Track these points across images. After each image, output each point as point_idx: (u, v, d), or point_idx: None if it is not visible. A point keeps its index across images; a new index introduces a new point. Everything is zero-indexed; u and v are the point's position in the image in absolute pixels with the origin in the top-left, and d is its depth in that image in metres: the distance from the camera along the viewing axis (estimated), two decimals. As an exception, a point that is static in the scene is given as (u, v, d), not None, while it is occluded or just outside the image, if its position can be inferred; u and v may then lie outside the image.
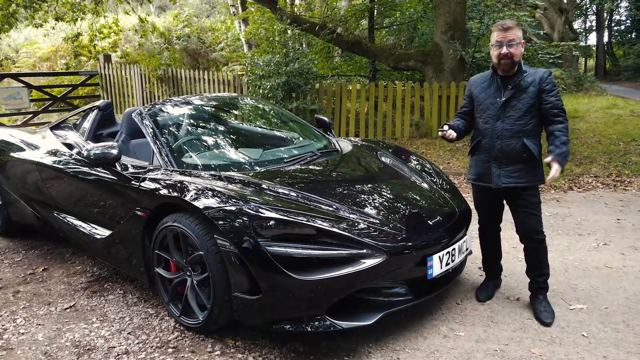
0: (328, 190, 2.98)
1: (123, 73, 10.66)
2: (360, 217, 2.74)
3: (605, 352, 2.59)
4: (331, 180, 3.23)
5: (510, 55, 2.79)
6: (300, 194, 2.84)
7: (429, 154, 7.53)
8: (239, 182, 2.90)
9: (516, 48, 2.79)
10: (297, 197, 2.79)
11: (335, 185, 3.10)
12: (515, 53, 2.79)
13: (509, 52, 2.78)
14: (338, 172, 3.41)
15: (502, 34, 2.80)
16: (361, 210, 2.81)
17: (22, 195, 4.13)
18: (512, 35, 2.78)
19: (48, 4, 10.21)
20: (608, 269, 3.60)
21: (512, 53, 2.78)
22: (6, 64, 16.44)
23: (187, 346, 2.72)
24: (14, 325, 3.01)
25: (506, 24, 2.81)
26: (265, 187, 2.87)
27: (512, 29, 2.78)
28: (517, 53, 2.80)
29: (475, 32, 9.00)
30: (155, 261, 2.97)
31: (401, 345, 2.68)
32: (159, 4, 23.22)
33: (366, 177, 3.40)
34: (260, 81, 8.08)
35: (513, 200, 2.96)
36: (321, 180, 3.22)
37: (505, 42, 2.79)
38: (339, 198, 2.89)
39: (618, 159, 6.79)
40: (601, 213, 4.88)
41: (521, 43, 2.83)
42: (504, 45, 2.79)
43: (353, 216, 2.72)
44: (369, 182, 3.29)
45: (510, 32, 2.78)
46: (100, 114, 4.11)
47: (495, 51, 2.85)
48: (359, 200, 2.95)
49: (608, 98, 13.71)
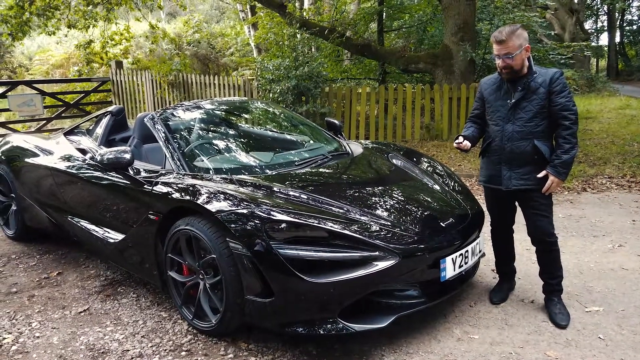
0: (339, 193, 2.97)
1: (134, 79, 10.76)
2: (372, 219, 2.73)
3: (622, 354, 2.55)
4: (342, 182, 3.23)
5: (509, 66, 2.76)
6: (311, 196, 2.84)
7: (440, 156, 7.49)
8: (250, 185, 2.91)
9: (514, 59, 2.73)
10: (309, 200, 2.79)
11: (347, 188, 3.10)
12: (514, 64, 2.75)
13: (507, 64, 2.76)
14: (349, 175, 3.41)
15: (497, 47, 2.77)
16: (373, 213, 2.80)
17: (36, 200, 4.18)
18: (505, 49, 2.73)
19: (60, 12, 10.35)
20: (624, 270, 3.55)
21: (511, 64, 2.75)
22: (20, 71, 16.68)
23: (200, 349, 2.73)
24: (29, 329, 3.04)
25: (500, 37, 2.75)
26: (277, 190, 2.87)
27: (506, 42, 2.72)
28: (516, 63, 2.75)
29: (485, 33, 8.96)
30: (168, 264, 2.98)
31: (414, 348, 2.67)
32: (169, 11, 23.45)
33: (377, 180, 3.39)
34: (270, 85, 8.11)
35: (524, 202, 2.93)
36: (332, 182, 3.22)
37: (501, 55, 2.76)
38: (350, 200, 2.88)
39: (632, 159, 6.71)
40: (616, 214, 4.82)
41: (524, 49, 2.74)
42: (501, 58, 2.77)
43: (364, 218, 2.71)
44: (380, 184, 3.28)
45: (504, 46, 2.73)
46: (112, 119, 4.15)
47: (496, 61, 2.84)
48: (371, 202, 2.94)
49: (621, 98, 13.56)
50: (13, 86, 10.03)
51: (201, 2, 21.74)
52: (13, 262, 4.14)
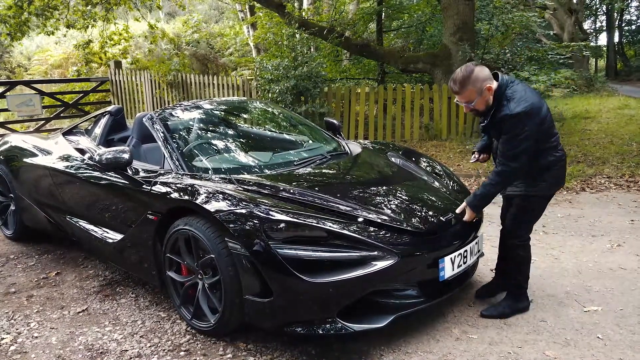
0: (338, 193, 2.97)
1: (133, 79, 10.75)
2: (371, 218, 2.72)
3: (621, 354, 2.55)
4: (341, 182, 3.23)
5: (474, 110, 2.75)
6: (310, 196, 2.84)
7: (439, 156, 7.49)
8: (249, 185, 2.91)
9: (476, 103, 2.70)
10: (308, 200, 2.79)
11: (345, 188, 3.10)
12: (478, 107, 2.72)
13: (471, 109, 2.75)
14: (348, 175, 3.41)
15: (456, 97, 2.77)
16: (371, 212, 2.79)
17: (35, 201, 4.18)
18: (464, 98, 2.71)
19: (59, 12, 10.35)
20: (622, 270, 3.55)
21: (475, 108, 2.74)
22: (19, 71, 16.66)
23: (199, 349, 2.73)
24: (27, 329, 3.03)
25: (455, 88, 2.71)
26: (276, 190, 2.87)
27: (461, 93, 2.68)
28: (479, 107, 2.72)
29: (484, 33, 8.96)
30: (166, 264, 2.98)
31: (413, 348, 2.67)
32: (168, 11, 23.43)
33: (376, 179, 3.39)
34: (269, 85, 8.11)
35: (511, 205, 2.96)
36: (331, 182, 3.22)
37: (462, 103, 2.76)
38: (349, 200, 2.88)
39: (631, 159, 6.71)
40: (615, 214, 4.83)
41: (486, 88, 2.64)
42: (463, 104, 2.76)
43: (363, 218, 2.71)
44: (379, 184, 3.28)
45: (462, 97, 2.70)
46: (111, 119, 4.14)
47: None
48: (369, 202, 2.94)
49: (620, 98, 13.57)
50: (12, 86, 10.02)
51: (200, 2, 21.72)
52: (11, 262, 4.14)
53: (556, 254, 3.87)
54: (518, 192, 2.86)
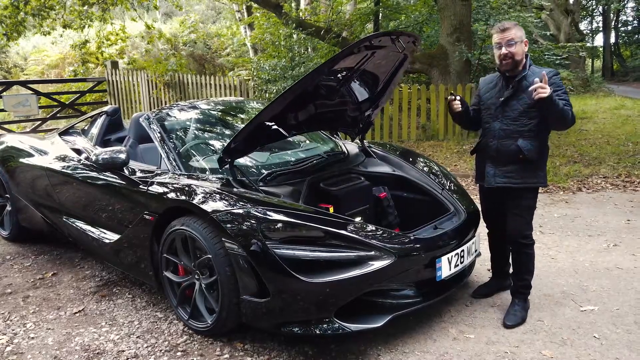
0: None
1: (130, 79, 10.73)
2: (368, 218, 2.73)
3: (617, 353, 2.56)
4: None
5: (510, 55, 2.76)
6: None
7: (436, 156, 7.50)
8: (246, 185, 2.90)
9: (516, 47, 2.75)
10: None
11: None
12: (515, 52, 2.76)
13: (509, 52, 2.76)
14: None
15: (500, 35, 2.78)
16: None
17: (31, 201, 4.16)
18: (510, 35, 2.75)
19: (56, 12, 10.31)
20: (619, 269, 3.56)
21: (512, 52, 2.76)
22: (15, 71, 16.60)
23: (196, 349, 2.72)
24: (24, 329, 3.02)
25: (504, 25, 2.79)
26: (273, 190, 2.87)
27: (509, 29, 2.76)
28: (517, 52, 2.76)
29: (481, 34, 8.99)
30: (163, 265, 2.98)
31: (410, 348, 2.67)
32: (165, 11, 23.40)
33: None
34: (266, 85, 8.11)
35: (507, 201, 2.92)
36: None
37: (504, 42, 2.77)
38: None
39: (627, 159, 6.74)
40: (611, 214, 4.84)
41: (523, 42, 2.79)
42: (503, 46, 2.77)
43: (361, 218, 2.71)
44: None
45: (508, 33, 2.76)
46: (108, 119, 4.13)
47: (496, 52, 2.84)
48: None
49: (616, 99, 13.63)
50: (8, 86, 9.98)
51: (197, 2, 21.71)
52: (8, 262, 4.12)
53: (553, 254, 3.88)
54: (519, 184, 2.81)
